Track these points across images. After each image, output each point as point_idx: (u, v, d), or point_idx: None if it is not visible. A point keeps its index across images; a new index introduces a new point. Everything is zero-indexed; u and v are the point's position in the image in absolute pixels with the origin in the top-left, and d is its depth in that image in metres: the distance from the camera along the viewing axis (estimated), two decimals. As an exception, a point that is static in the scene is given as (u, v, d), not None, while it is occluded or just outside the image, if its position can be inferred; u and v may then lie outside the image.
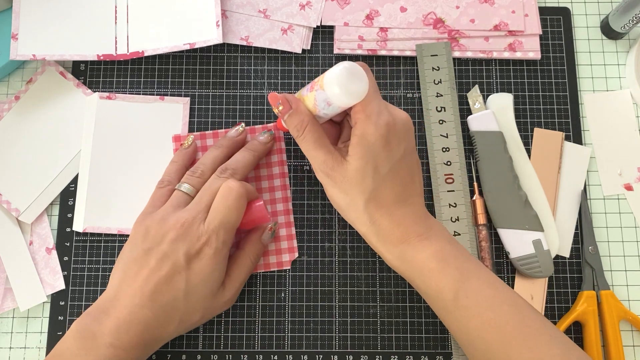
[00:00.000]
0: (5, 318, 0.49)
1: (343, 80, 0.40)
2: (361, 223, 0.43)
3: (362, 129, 0.41)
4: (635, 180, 0.52)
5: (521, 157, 0.51)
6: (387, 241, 0.42)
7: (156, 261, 0.42)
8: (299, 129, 0.43)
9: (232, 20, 0.54)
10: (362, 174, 0.41)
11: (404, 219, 0.42)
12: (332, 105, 0.41)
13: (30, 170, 0.51)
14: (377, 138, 0.41)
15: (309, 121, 0.43)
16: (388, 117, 0.42)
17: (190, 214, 0.43)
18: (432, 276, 0.41)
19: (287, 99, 0.44)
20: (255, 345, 0.49)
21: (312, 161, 0.44)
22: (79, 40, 0.52)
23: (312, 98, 0.42)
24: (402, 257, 0.42)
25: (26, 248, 0.50)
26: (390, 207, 0.42)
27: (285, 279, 0.50)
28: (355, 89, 0.40)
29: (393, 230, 0.42)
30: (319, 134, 0.43)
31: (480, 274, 0.41)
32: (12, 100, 0.53)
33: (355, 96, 0.41)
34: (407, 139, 0.43)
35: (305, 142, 0.43)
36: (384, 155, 0.42)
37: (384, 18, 0.54)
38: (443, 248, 0.41)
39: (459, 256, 0.41)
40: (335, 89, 0.40)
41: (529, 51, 0.53)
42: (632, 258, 0.50)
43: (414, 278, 0.42)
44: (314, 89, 0.42)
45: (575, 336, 0.49)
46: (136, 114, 0.52)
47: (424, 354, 0.48)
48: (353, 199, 0.42)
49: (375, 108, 0.42)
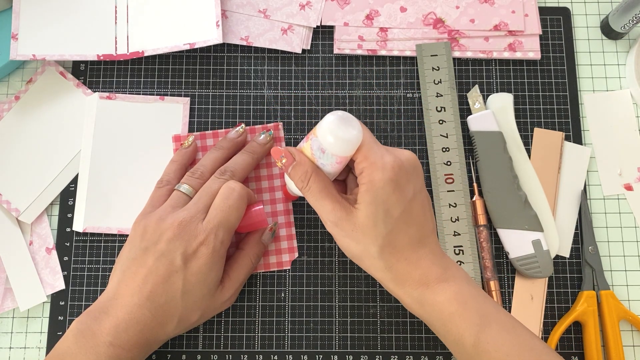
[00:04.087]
0: (5, 318, 0.50)
1: (335, 128, 0.39)
2: (377, 270, 0.42)
3: (368, 176, 0.40)
4: (635, 180, 0.52)
5: (521, 157, 0.51)
6: (405, 285, 0.41)
7: (154, 261, 0.42)
8: (304, 180, 0.42)
9: (232, 20, 0.54)
10: (373, 221, 0.40)
11: (421, 261, 0.41)
12: (326, 153, 0.40)
13: (30, 170, 0.51)
14: (385, 182, 0.40)
15: (312, 171, 0.41)
16: (393, 159, 0.40)
17: (189, 214, 0.43)
18: (452, 320, 0.40)
19: (290, 151, 0.42)
20: (255, 345, 0.49)
21: (319, 212, 0.42)
22: (79, 40, 0.52)
23: (308, 147, 0.42)
24: (422, 301, 0.41)
25: (26, 248, 0.50)
26: (405, 250, 0.41)
27: (285, 279, 0.50)
28: (348, 136, 0.39)
29: (411, 274, 0.41)
30: (324, 184, 0.42)
31: (499, 317, 0.40)
32: (12, 100, 0.53)
33: (349, 144, 0.40)
34: (415, 177, 0.42)
35: (311, 193, 0.42)
36: (395, 199, 0.40)
37: (384, 18, 0.54)
38: (462, 290, 0.40)
39: (478, 298, 0.40)
40: (329, 138, 0.39)
41: (529, 51, 0.53)
42: (632, 258, 0.50)
43: (433, 322, 0.41)
44: (310, 138, 0.42)
45: (575, 336, 0.49)
46: (136, 114, 0.52)
47: (424, 354, 0.49)
48: (366, 247, 0.41)
49: (377, 153, 0.40)
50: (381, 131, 0.52)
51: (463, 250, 0.49)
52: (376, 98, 0.53)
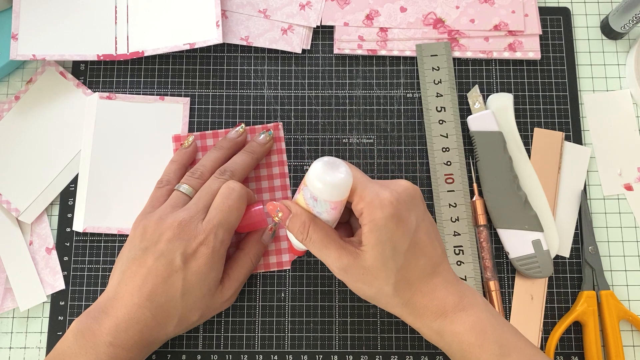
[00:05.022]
0: (5, 318, 0.50)
1: (322, 174, 0.38)
2: (394, 307, 0.41)
3: (369, 216, 0.39)
4: (635, 180, 0.52)
5: (521, 157, 0.51)
6: (424, 317, 0.40)
7: (154, 261, 0.42)
8: (303, 231, 0.40)
9: (232, 20, 0.54)
10: (382, 261, 0.39)
11: (436, 291, 0.40)
12: (319, 201, 0.40)
13: (30, 170, 0.51)
14: (387, 219, 0.39)
15: (310, 221, 0.40)
16: (389, 194, 0.39)
17: (188, 214, 0.43)
18: (471, 351, 0.39)
19: (285, 204, 0.41)
20: (255, 345, 0.49)
21: (325, 261, 0.41)
22: (79, 40, 0.52)
23: (302, 198, 0.41)
24: (440, 332, 0.40)
25: (26, 248, 0.50)
26: (419, 283, 0.40)
27: (285, 279, 0.50)
28: (336, 180, 0.39)
29: (427, 306, 0.40)
30: (325, 232, 0.40)
31: (518, 345, 0.40)
32: (12, 100, 0.53)
33: (338, 188, 0.39)
34: (415, 207, 0.41)
35: (312, 243, 0.40)
36: (400, 233, 0.39)
37: (384, 18, 0.54)
38: (480, 319, 0.40)
39: (496, 327, 0.40)
40: (317, 184, 0.39)
41: (529, 51, 0.53)
42: (632, 258, 0.50)
43: (453, 353, 0.41)
44: (302, 189, 0.41)
45: (575, 336, 0.49)
46: (136, 114, 0.52)
47: (424, 354, 0.49)
48: (380, 288, 0.40)
49: (372, 192, 0.39)
50: (381, 131, 0.52)
51: (463, 250, 0.49)
52: (376, 98, 0.53)
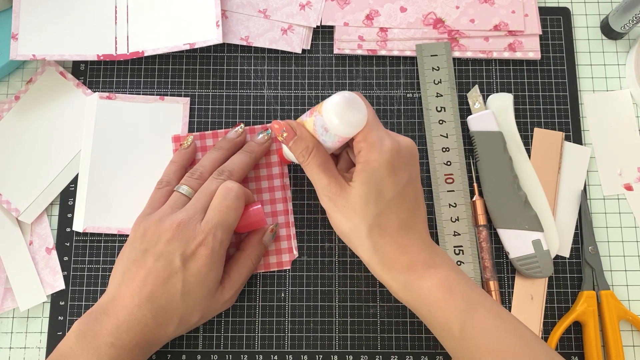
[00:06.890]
0: (5, 318, 0.50)
1: (341, 110, 0.39)
2: (364, 250, 0.42)
3: (365, 155, 0.41)
4: (635, 180, 0.52)
5: (521, 157, 0.51)
6: (392, 269, 0.41)
7: (153, 262, 0.42)
8: (305, 155, 0.42)
9: (232, 20, 0.54)
10: (365, 200, 0.40)
11: (410, 246, 0.41)
12: (329, 132, 0.41)
13: (30, 170, 0.51)
14: (381, 164, 0.40)
15: (314, 146, 0.42)
16: (392, 143, 0.41)
17: (187, 215, 0.44)
18: (438, 306, 0.40)
19: (291, 125, 0.43)
20: (255, 345, 0.49)
21: (315, 185, 0.43)
22: (79, 40, 0.52)
23: (311, 123, 0.42)
24: (408, 286, 0.41)
25: (26, 248, 0.50)
26: (395, 234, 0.41)
27: (285, 279, 0.50)
28: (354, 119, 0.40)
29: (398, 258, 0.41)
30: (324, 159, 0.42)
31: (486, 303, 0.40)
32: (12, 100, 0.53)
33: (353, 126, 0.40)
34: (412, 164, 0.42)
35: (310, 167, 0.42)
36: (389, 181, 0.41)
37: (384, 18, 0.54)
38: (448, 276, 0.40)
39: (464, 285, 0.41)
40: (333, 119, 0.40)
41: (529, 51, 0.53)
42: (632, 258, 0.50)
43: (419, 308, 0.41)
44: (313, 114, 0.42)
45: (575, 336, 0.49)
46: (136, 114, 0.52)
47: (424, 354, 0.49)
48: (356, 225, 0.41)
49: (377, 135, 0.41)
50: (381, 131, 0.52)
51: (463, 250, 0.49)
52: (376, 98, 0.53)
